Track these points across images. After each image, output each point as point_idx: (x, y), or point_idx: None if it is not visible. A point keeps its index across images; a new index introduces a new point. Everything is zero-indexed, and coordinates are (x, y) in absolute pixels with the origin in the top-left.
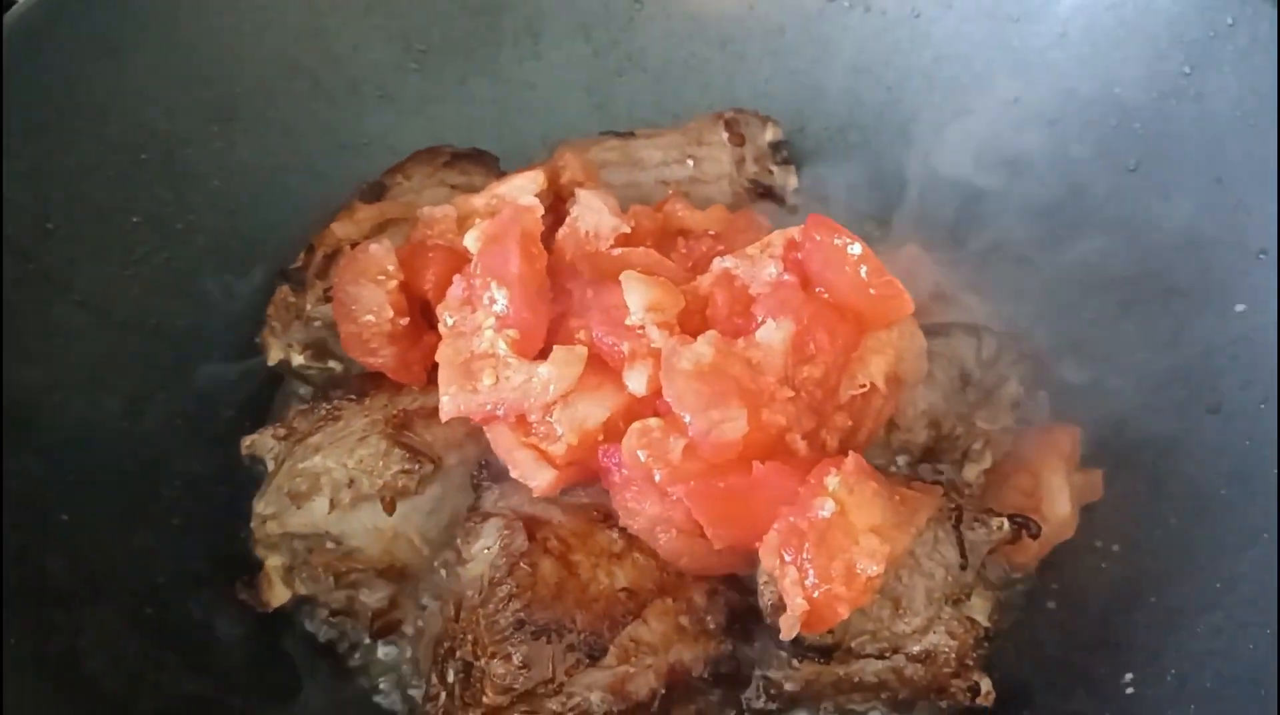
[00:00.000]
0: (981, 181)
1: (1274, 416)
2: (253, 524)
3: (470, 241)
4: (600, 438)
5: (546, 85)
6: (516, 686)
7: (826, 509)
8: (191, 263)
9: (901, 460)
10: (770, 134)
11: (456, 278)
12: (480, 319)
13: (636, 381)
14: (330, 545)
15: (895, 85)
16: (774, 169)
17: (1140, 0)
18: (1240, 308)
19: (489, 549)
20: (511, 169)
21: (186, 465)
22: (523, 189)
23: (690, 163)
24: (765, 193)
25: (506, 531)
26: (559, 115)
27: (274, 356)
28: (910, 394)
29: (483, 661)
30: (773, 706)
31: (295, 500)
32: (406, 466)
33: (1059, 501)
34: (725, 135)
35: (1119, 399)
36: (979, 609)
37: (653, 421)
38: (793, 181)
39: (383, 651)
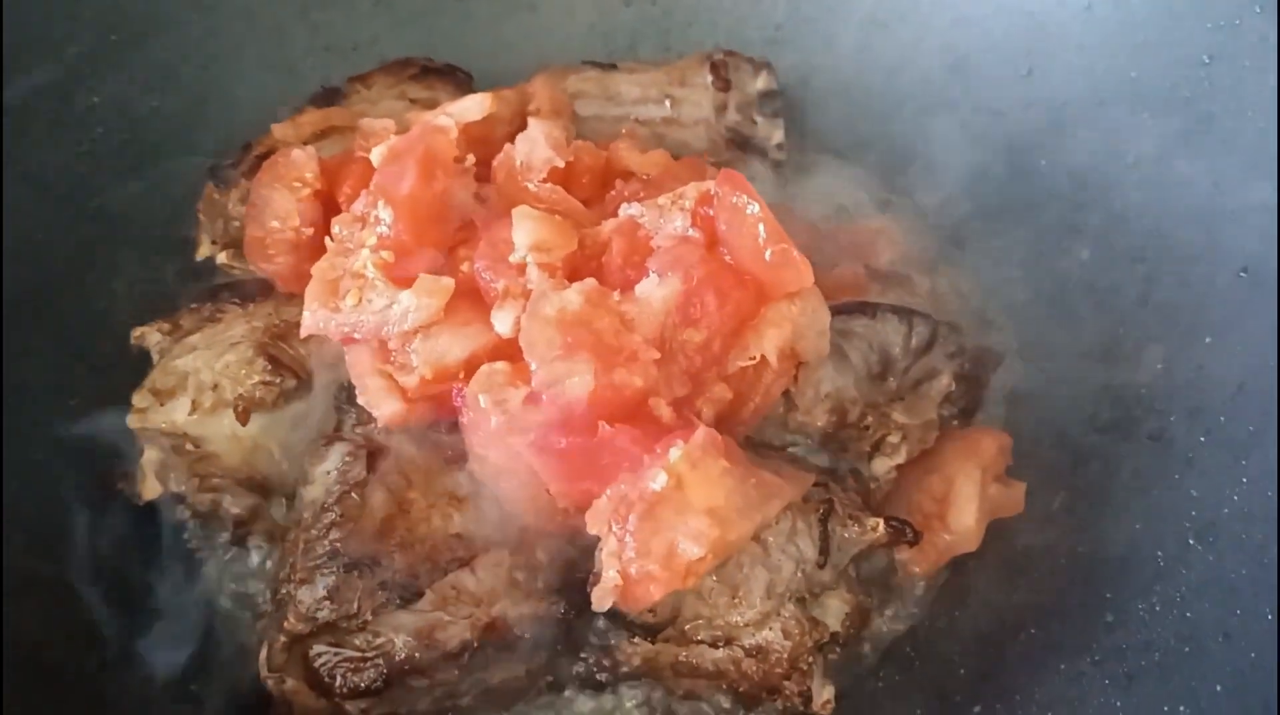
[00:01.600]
0: (977, 161)
1: (1209, 453)
2: (128, 416)
3: (374, 156)
4: (460, 376)
5: (549, 8)
6: (318, 616)
7: (659, 481)
8: (148, 150)
9: (802, 443)
10: (762, 82)
11: (363, 193)
12: (365, 237)
13: (502, 322)
14: (190, 447)
15: (910, 44)
16: (759, 120)
17: None
18: (1207, 338)
19: (329, 473)
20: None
21: (99, 350)
22: (468, 112)
23: (668, 103)
24: (744, 144)
25: (349, 458)
26: (557, 40)
27: (202, 252)
28: (812, 374)
29: (291, 586)
30: (606, 678)
31: (160, 397)
32: (267, 378)
33: (965, 511)
34: (710, 78)
35: (1061, 411)
36: (833, 611)
37: (499, 366)
38: (777, 135)
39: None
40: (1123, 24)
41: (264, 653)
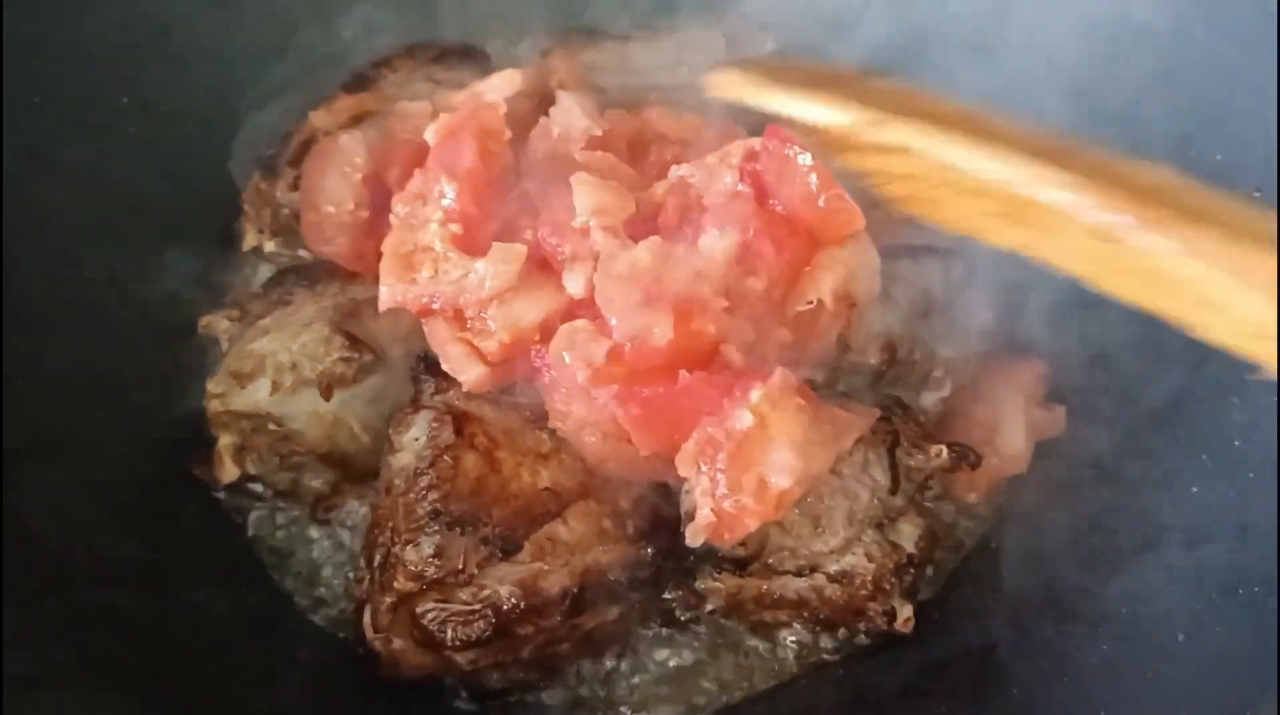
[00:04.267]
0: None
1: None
2: (204, 402)
3: (429, 135)
4: (535, 338)
5: None
6: (427, 574)
7: (744, 421)
8: (179, 145)
9: (855, 381)
10: (769, 45)
11: (417, 172)
12: (429, 212)
13: (574, 283)
14: (272, 426)
15: None
16: None
17: None
18: None
19: (417, 440)
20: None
21: (154, 344)
22: (499, 89)
23: (685, 69)
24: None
25: (435, 424)
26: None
27: (248, 242)
28: (864, 314)
29: (397, 548)
30: (694, 615)
31: (239, 381)
32: (346, 354)
33: (1013, 436)
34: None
35: (1098, 335)
36: (906, 535)
37: (580, 323)
38: None
39: (318, 549)
40: None
41: (368, 615)
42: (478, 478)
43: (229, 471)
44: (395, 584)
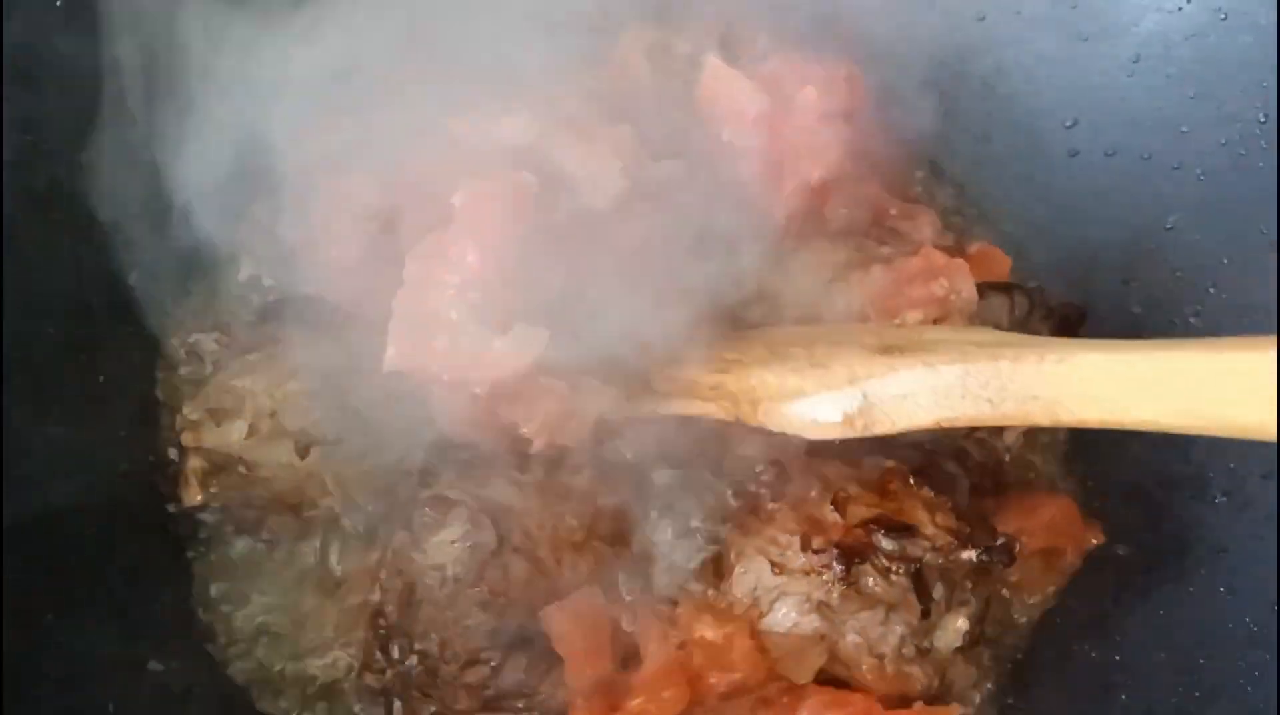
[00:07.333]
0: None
1: None
2: (178, 425)
3: (455, 198)
4: None
5: None
6: (489, 693)
7: None
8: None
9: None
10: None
11: (435, 228)
12: (446, 276)
13: None
14: (241, 470)
15: (949, 91)
16: None
17: (1223, 35)
18: None
19: (454, 543)
20: None
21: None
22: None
23: None
24: None
25: (472, 527)
26: None
27: (244, 271)
28: None
29: (453, 667)
30: None
31: (215, 416)
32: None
33: None
34: None
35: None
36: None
37: None
38: None
39: None
40: (1171, 77)
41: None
42: (525, 582)
43: (192, 495)
44: (459, 706)
